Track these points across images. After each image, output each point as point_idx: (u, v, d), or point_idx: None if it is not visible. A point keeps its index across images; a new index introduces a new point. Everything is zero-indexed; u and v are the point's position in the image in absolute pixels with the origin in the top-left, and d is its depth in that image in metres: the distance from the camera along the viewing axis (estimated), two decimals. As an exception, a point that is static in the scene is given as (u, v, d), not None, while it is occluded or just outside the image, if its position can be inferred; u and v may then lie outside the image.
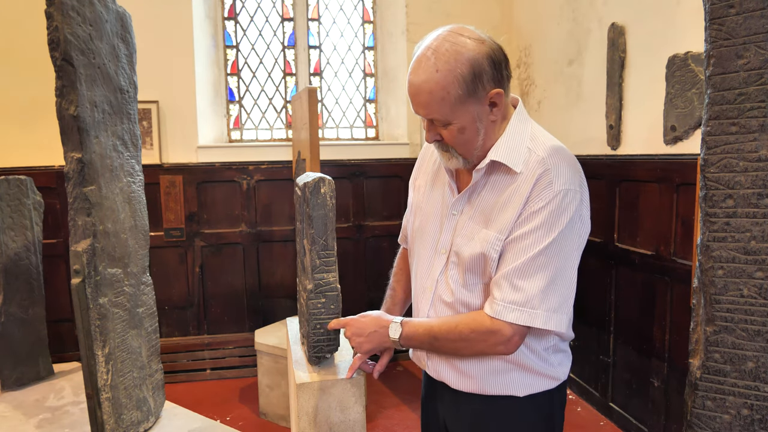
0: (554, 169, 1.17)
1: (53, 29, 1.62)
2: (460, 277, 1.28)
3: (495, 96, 1.17)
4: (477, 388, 1.30)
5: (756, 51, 1.11)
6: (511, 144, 1.22)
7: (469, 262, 1.24)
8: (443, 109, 1.16)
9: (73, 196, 1.72)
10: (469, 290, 1.27)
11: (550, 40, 3.66)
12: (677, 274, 2.59)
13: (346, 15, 4.22)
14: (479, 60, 1.14)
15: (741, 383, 1.18)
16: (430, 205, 1.38)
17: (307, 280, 1.66)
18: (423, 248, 1.37)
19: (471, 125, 1.19)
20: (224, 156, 3.85)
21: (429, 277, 1.34)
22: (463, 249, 1.26)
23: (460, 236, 1.27)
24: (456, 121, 1.17)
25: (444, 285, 1.31)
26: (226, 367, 3.85)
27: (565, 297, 1.19)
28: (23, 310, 2.54)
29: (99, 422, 1.77)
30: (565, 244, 1.17)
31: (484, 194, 1.25)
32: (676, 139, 2.56)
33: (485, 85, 1.16)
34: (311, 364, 1.69)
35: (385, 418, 3.23)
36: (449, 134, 1.20)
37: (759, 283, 1.15)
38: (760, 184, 1.14)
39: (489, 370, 1.28)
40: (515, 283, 1.17)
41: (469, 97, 1.15)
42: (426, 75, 1.14)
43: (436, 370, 1.36)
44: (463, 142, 1.21)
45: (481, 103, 1.17)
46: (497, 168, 1.23)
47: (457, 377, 1.32)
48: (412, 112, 1.25)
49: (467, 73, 1.13)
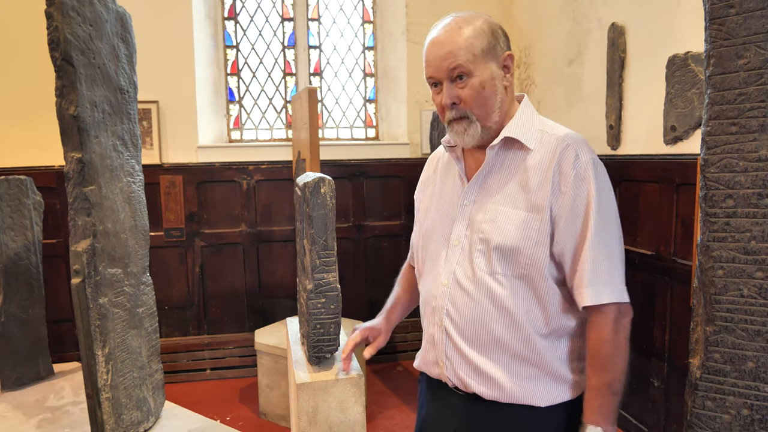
0: (574, 143, 1.21)
1: (53, 29, 1.62)
2: (488, 265, 1.23)
3: (508, 58, 1.24)
4: (498, 392, 1.24)
5: (756, 51, 1.12)
6: (523, 124, 1.26)
7: (503, 245, 1.21)
8: (468, 56, 1.19)
9: (73, 196, 1.72)
10: (497, 280, 1.22)
11: (550, 40, 3.66)
12: (677, 274, 2.59)
13: (346, 15, 4.22)
14: (494, 24, 1.25)
15: (741, 383, 1.18)
16: (441, 204, 1.36)
17: (307, 280, 1.66)
18: (435, 244, 1.33)
19: (490, 82, 1.22)
20: (224, 156, 3.85)
21: (445, 270, 1.29)
22: (493, 235, 1.22)
23: (486, 221, 1.24)
24: (478, 72, 1.20)
25: (467, 275, 1.25)
26: (226, 367, 3.85)
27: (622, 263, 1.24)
28: (23, 310, 2.54)
29: (99, 422, 1.77)
30: (612, 206, 1.21)
31: (502, 174, 1.26)
32: (676, 139, 2.56)
33: (502, 45, 1.24)
34: (311, 364, 1.69)
35: (385, 418, 3.22)
36: (470, 90, 1.21)
37: (759, 283, 1.15)
38: (760, 184, 1.14)
39: (512, 373, 1.23)
40: (593, 268, 1.18)
41: (489, 51, 1.21)
42: (451, 31, 1.21)
43: (455, 372, 1.28)
44: (483, 100, 1.22)
45: (499, 63, 1.23)
46: (510, 146, 1.25)
47: (479, 380, 1.25)
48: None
49: (487, 30, 1.22)
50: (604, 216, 1.18)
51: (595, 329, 1.21)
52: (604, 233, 1.18)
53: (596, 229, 1.17)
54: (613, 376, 1.21)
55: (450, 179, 1.37)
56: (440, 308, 1.30)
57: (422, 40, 1.30)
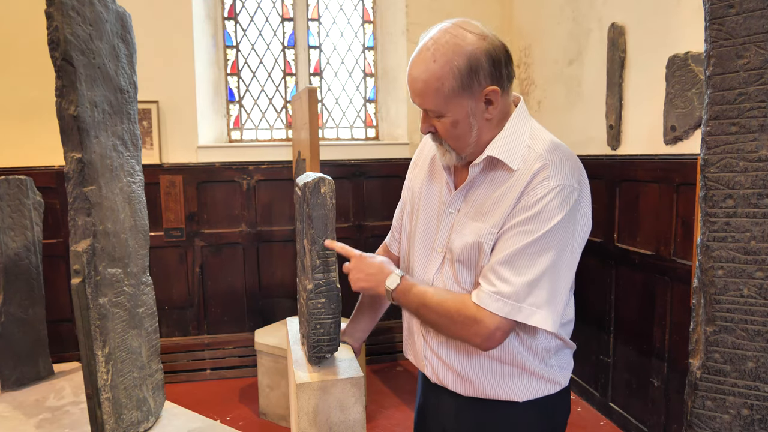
0: (552, 164, 1.15)
1: (53, 29, 1.62)
2: (453, 273, 1.26)
3: (491, 93, 1.16)
4: (475, 392, 1.28)
5: (756, 51, 1.11)
6: (510, 141, 1.21)
7: (461, 254, 1.23)
8: (437, 100, 1.16)
9: (73, 196, 1.72)
10: (461, 287, 1.25)
11: (550, 40, 3.66)
12: (677, 274, 2.59)
13: (346, 15, 4.23)
14: (477, 55, 1.13)
15: (741, 383, 1.18)
16: (428, 206, 1.37)
17: (307, 280, 1.66)
18: (420, 248, 1.36)
19: (464, 120, 1.18)
20: (224, 156, 3.85)
21: (425, 276, 1.33)
22: (455, 243, 1.25)
23: (455, 232, 1.26)
24: (449, 114, 1.17)
25: (439, 282, 1.30)
26: (226, 367, 3.85)
27: (554, 294, 1.15)
28: (23, 310, 2.54)
29: (99, 422, 1.77)
30: (559, 239, 1.14)
31: (481, 191, 1.24)
32: (676, 139, 2.56)
33: (481, 81, 1.15)
34: (311, 364, 1.68)
35: (385, 418, 3.22)
36: (442, 127, 1.20)
37: (759, 283, 1.15)
38: (760, 184, 1.14)
39: (486, 372, 1.26)
40: (502, 273, 1.15)
41: (463, 90, 1.14)
42: (423, 65, 1.15)
43: (434, 372, 1.34)
44: (456, 136, 1.20)
45: (476, 99, 1.16)
46: (495, 165, 1.22)
47: (456, 380, 1.30)
48: (413, 110, 1.26)
49: (463, 67, 1.13)
50: (545, 241, 1.13)
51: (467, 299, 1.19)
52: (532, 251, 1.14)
53: (527, 245, 1.13)
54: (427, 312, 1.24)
55: (438, 179, 1.37)
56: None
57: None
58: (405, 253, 1.45)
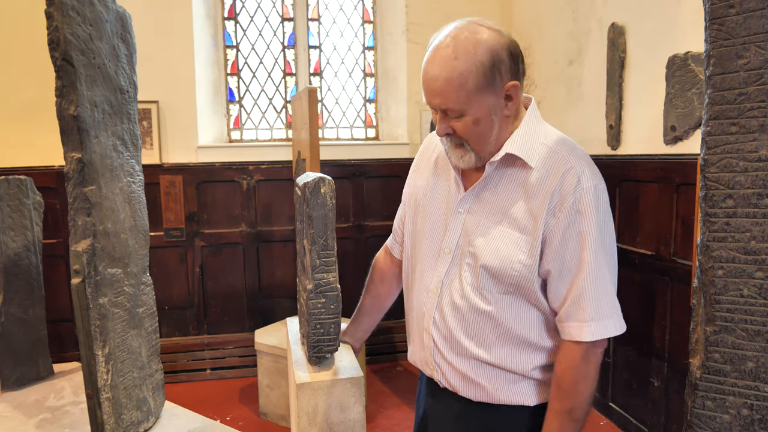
0: (578, 166, 1.15)
1: (53, 29, 1.62)
2: (475, 280, 1.22)
3: (511, 89, 1.15)
4: (487, 397, 1.27)
5: (756, 51, 1.11)
6: (527, 139, 1.19)
7: (490, 265, 1.20)
8: (459, 98, 1.12)
9: (73, 196, 1.72)
10: (482, 296, 1.22)
11: (550, 40, 3.66)
12: (677, 274, 2.59)
13: (346, 15, 4.22)
14: (498, 50, 1.11)
15: (741, 383, 1.18)
16: (434, 207, 1.33)
17: (307, 280, 1.66)
18: (426, 248, 1.33)
19: (486, 117, 1.15)
20: (224, 156, 3.85)
21: (434, 278, 1.30)
22: (483, 251, 1.20)
23: (477, 236, 1.22)
24: (471, 111, 1.14)
25: (454, 287, 1.26)
26: (226, 367, 3.85)
27: (613, 297, 1.20)
28: (23, 310, 2.54)
29: (99, 422, 1.77)
30: (611, 238, 1.18)
31: (499, 190, 1.21)
32: (676, 139, 2.56)
33: (503, 76, 1.13)
34: (311, 364, 1.69)
35: (385, 418, 3.22)
36: (463, 126, 1.16)
37: (759, 283, 1.15)
38: (760, 184, 1.14)
39: (499, 377, 1.25)
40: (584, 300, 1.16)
41: (486, 87, 1.12)
42: (444, 62, 1.11)
43: (445, 377, 1.31)
44: (477, 135, 1.17)
45: (498, 95, 1.14)
46: (511, 162, 1.20)
47: (467, 385, 1.28)
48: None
49: (486, 62, 1.10)
50: (603, 248, 1.16)
51: (564, 354, 1.21)
52: (602, 266, 1.16)
53: (596, 262, 1.15)
54: (575, 403, 1.21)
55: (444, 178, 1.34)
56: (428, 315, 1.31)
57: (422, 40, 1.29)
58: (410, 255, 1.42)
